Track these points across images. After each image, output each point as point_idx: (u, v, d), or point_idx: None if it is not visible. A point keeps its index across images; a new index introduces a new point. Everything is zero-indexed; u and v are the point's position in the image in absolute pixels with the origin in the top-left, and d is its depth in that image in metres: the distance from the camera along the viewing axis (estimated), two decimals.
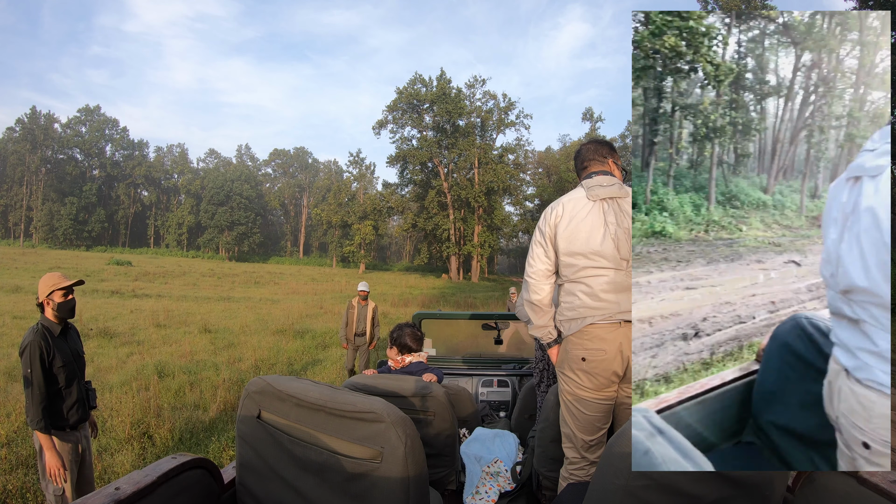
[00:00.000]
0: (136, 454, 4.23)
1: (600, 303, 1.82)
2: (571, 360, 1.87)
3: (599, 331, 1.82)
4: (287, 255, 69.23)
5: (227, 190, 61.99)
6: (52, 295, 2.63)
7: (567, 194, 1.99)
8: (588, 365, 1.83)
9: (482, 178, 43.85)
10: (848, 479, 1.07)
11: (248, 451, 1.33)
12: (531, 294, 1.97)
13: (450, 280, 41.40)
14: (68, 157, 62.30)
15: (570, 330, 1.88)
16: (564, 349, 1.93)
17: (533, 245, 1.99)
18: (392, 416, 1.19)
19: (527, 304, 2.00)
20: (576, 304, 1.86)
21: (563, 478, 1.98)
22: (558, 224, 1.89)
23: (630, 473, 0.97)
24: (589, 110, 52.56)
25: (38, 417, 2.52)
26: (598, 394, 1.85)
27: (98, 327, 10.17)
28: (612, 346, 1.80)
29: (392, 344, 2.62)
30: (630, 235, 1.82)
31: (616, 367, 1.81)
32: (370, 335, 7.20)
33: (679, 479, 0.97)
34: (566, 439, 1.96)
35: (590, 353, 1.82)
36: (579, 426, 1.90)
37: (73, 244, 58.71)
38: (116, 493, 1.03)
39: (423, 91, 44.39)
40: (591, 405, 1.87)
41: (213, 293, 20.85)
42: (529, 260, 1.99)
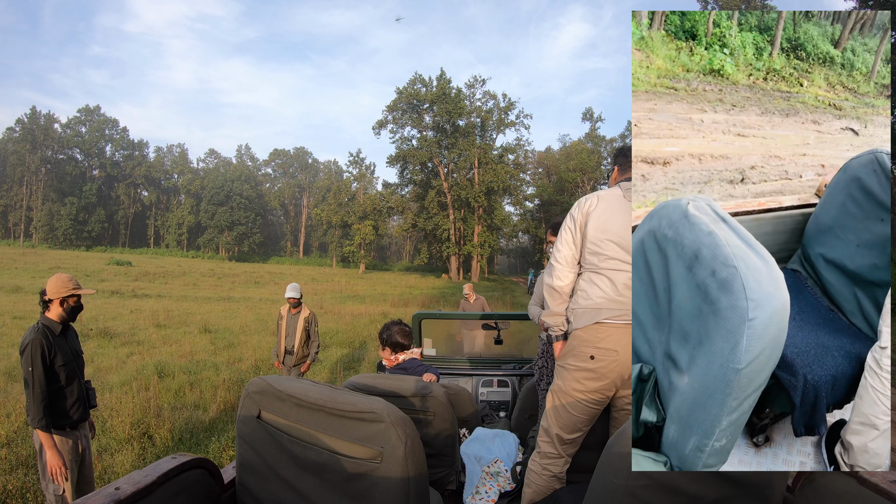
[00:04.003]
0: (136, 454, 4.23)
1: (620, 297, 1.79)
2: (577, 355, 1.84)
3: (613, 331, 1.78)
4: (287, 255, 69.23)
5: (227, 190, 61.97)
6: (69, 298, 2.70)
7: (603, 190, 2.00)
8: (596, 364, 1.79)
9: (482, 178, 43.83)
10: (848, 479, 1.07)
11: (248, 451, 1.33)
12: (554, 280, 1.94)
13: (450, 280, 41.36)
14: (68, 157, 62.28)
15: (581, 323, 1.85)
16: (571, 343, 1.89)
17: (562, 231, 1.97)
18: (392, 416, 1.19)
19: (546, 290, 1.98)
20: (595, 294, 1.83)
21: (535, 471, 1.95)
22: (591, 212, 1.89)
23: (630, 473, 0.97)
24: (589, 110, 52.64)
25: (39, 416, 2.53)
26: (594, 395, 1.82)
27: (98, 327, 10.17)
28: (625, 348, 1.76)
29: (384, 345, 2.61)
30: None
31: (625, 370, 1.78)
32: (301, 353, 5.48)
33: (679, 478, 0.98)
34: (543, 433, 1.95)
35: (600, 351, 1.79)
36: (561, 423, 1.88)
37: (73, 244, 58.68)
38: (116, 493, 1.03)
39: (423, 91, 44.36)
40: (580, 406, 1.84)
41: (213, 293, 20.85)
42: (558, 245, 1.96)
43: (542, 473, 1.93)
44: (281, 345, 5.55)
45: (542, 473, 1.93)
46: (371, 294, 22.70)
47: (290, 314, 5.58)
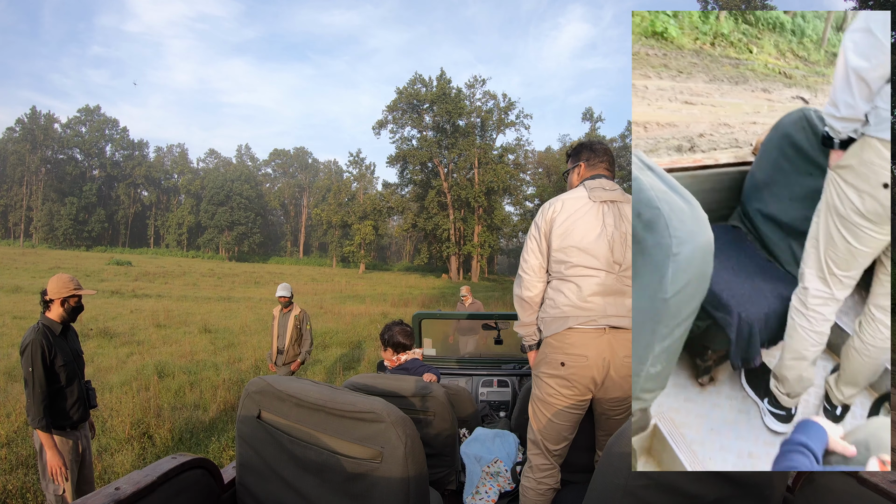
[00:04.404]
0: (136, 454, 4.23)
1: (587, 304, 1.77)
2: (549, 363, 1.82)
3: (582, 336, 1.76)
4: (287, 255, 69.22)
5: (227, 190, 61.97)
6: (70, 298, 2.71)
7: (567, 192, 1.95)
8: (566, 370, 1.77)
9: (482, 178, 43.83)
10: (848, 479, 1.07)
11: (248, 451, 1.33)
12: (524, 290, 1.91)
13: (450, 280, 41.37)
14: (68, 157, 62.27)
15: (550, 331, 1.83)
16: (543, 351, 1.87)
17: (528, 240, 1.94)
18: (392, 416, 1.19)
19: (517, 301, 1.95)
20: (561, 302, 1.81)
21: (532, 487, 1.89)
22: (555, 219, 1.85)
23: (630, 473, 0.97)
24: (589, 110, 52.53)
25: (40, 416, 2.53)
26: (570, 401, 1.80)
27: (98, 327, 10.17)
28: (595, 352, 1.75)
29: (385, 346, 2.61)
30: (627, 241, 1.77)
31: (595, 374, 1.76)
32: (292, 352, 5.45)
33: (678, 478, 0.98)
34: (532, 445, 1.91)
35: (570, 357, 1.77)
36: (545, 434, 1.85)
37: (73, 244, 58.68)
38: (116, 493, 1.03)
39: (423, 91, 44.37)
40: (561, 413, 1.82)
41: (213, 293, 20.85)
42: (524, 255, 1.93)
43: (539, 488, 1.88)
44: (273, 346, 5.51)
45: (537, 489, 1.88)
46: (371, 294, 22.70)
47: (281, 314, 5.54)
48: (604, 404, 1.83)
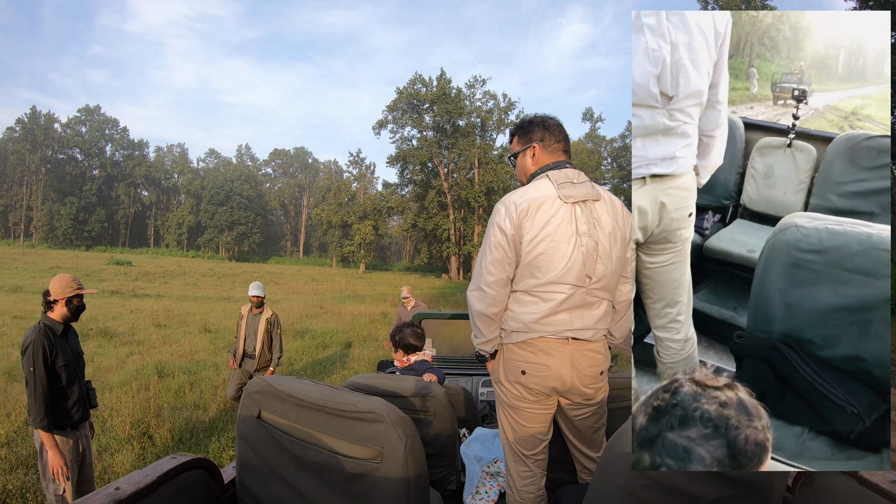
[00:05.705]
0: (136, 454, 4.23)
1: (552, 318, 1.62)
2: (509, 371, 1.70)
3: (546, 345, 1.64)
4: (287, 255, 69.19)
5: (227, 190, 61.96)
6: (74, 298, 2.72)
7: (532, 187, 1.66)
8: (527, 379, 1.66)
9: (482, 178, 43.81)
10: (848, 479, 1.07)
11: (248, 451, 1.33)
12: (489, 307, 1.66)
13: (450, 280, 41.35)
14: (68, 157, 62.25)
15: (512, 339, 1.68)
16: (504, 358, 1.73)
17: (490, 248, 1.65)
18: (392, 416, 1.19)
19: (480, 317, 1.69)
20: (525, 318, 1.64)
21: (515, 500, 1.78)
22: (523, 224, 1.60)
23: (630, 473, 0.97)
24: (589, 110, 52.67)
25: (41, 416, 2.53)
26: (535, 407, 1.70)
27: (98, 327, 10.17)
28: (557, 361, 1.64)
29: (396, 347, 2.64)
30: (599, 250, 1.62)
31: (555, 383, 1.65)
32: (264, 358, 5.16)
33: (679, 478, 0.98)
34: (509, 453, 1.79)
35: (531, 366, 1.65)
36: (519, 440, 1.74)
37: (73, 244, 58.65)
38: (116, 493, 1.03)
39: (423, 91, 44.35)
40: (530, 416, 1.71)
41: (213, 293, 20.85)
42: (486, 266, 1.65)
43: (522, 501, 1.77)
44: (239, 346, 5.21)
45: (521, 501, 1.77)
46: (371, 294, 22.67)
47: (251, 314, 5.22)
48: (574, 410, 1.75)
